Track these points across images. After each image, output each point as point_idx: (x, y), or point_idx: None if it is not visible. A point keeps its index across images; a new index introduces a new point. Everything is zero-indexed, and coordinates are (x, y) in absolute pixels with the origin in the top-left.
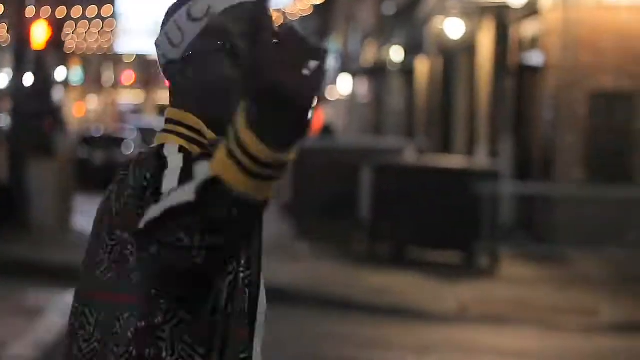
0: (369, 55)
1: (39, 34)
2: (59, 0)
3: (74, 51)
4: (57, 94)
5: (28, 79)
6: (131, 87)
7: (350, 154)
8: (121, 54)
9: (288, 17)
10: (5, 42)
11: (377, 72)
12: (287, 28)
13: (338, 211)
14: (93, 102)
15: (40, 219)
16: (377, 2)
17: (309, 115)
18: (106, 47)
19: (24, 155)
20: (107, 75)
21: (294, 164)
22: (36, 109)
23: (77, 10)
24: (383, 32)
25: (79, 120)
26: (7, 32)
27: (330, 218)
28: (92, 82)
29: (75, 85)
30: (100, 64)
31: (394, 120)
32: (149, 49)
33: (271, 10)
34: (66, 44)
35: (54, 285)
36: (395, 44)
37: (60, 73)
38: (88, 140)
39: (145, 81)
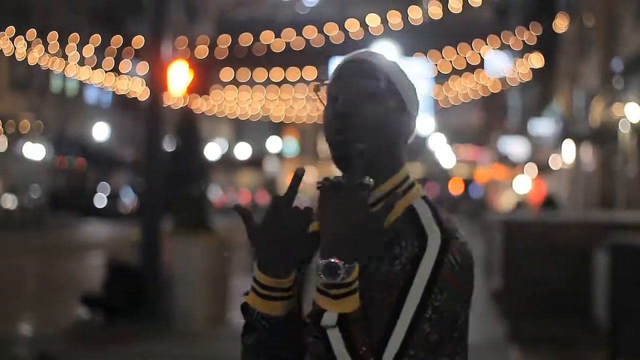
0: (595, 117)
1: (177, 78)
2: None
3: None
4: (205, 154)
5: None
6: None
7: (578, 231)
8: None
9: (508, 83)
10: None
11: (605, 136)
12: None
13: (562, 305)
14: (310, 174)
15: (186, 309)
16: (604, 59)
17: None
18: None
19: (158, 231)
20: (324, 147)
21: (505, 241)
22: (182, 172)
23: (293, 73)
24: (612, 90)
25: None
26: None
27: (552, 314)
28: (308, 153)
29: (290, 157)
30: (316, 134)
31: (628, 191)
32: None
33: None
34: (273, 112)
35: None
36: (630, 101)
37: (273, 143)
38: None
39: None
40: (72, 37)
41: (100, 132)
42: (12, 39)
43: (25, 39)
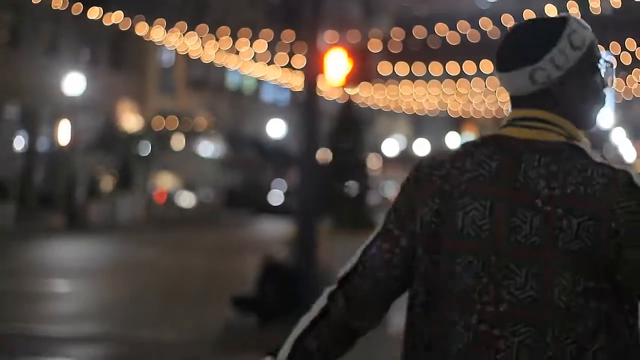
0: None
1: (335, 67)
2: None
3: (470, 116)
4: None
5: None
6: None
7: None
8: None
9: None
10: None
11: None
12: None
13: None
14: None
15: None
16: None
17: None
18: (504, 112)
19: (314, 229)
20: None
21: None
22: (341, 169)
23: (470, 67)
24: None
25: None
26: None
27: None
28: None
29: None
30: (496, 129)
31: None
32: None
33: None
34: (450, 107)
35: None
36: None
37: (452, 139)
38: None
39: None
40: (243, 32)
41: (276, 129)
42: (184, 35)
43: (199, 36)
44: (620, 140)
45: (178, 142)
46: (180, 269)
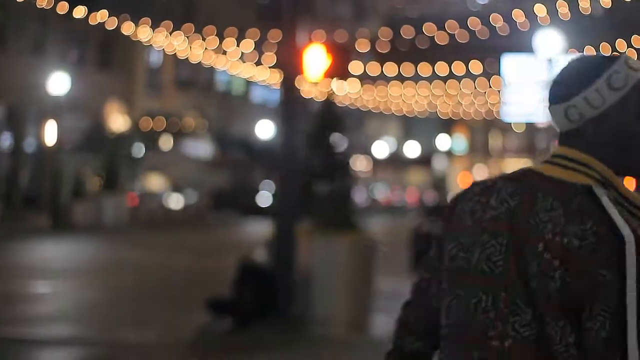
0: None
1: (314, 63)
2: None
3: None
4: (347, 148)
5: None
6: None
7: None
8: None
9: None
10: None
11: None
12: None
13: None
14: (480, 172)
15: (323, 314)
16: None
17: None
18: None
19: (293, 229)
20: (495, 144)
21: None
22: (322, 168)
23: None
24: None
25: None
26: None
27: None
28: (478, 151)
29: (459, 154)
30: (487, 132)
31: None
32: (538, 117)
33: None
34: (440, 109)
35: None
36: None
37: (442, 141)
38: (432, 211)
39: (530, 149)
40: (229, 32)
41: (265, 130)
42: (170, 34)
43: (185, 35)
44: None
45: (166, 142)
46: (163, 270)
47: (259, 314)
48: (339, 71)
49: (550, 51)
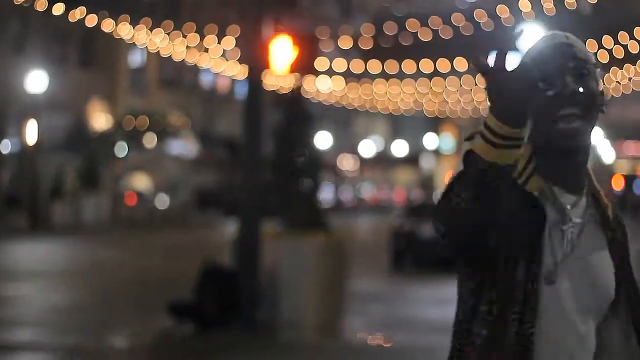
0: None
1: (280, 54)
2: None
3: (446, 116)
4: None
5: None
6: None
7: None
8: None
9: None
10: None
11: None
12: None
13: None
14: None
15: (291, 318)
16: None
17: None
18: (480, 112)
19: (258, 230)
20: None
21: None
22: (291, 166)
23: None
24: None
25: None
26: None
27: None
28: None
29: (447, 153)
30: (474, 129)
31: None
32: None
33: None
34: (426, 107)
35: None
36: None
37: (430, 140)
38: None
39: None
40: (210, 29)
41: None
42: (150, 31)
43: (165, 32)
44: (598, 140)
45: (149, 141)
46: (136, 272)
47: (221, 318)
48: (306, 63)
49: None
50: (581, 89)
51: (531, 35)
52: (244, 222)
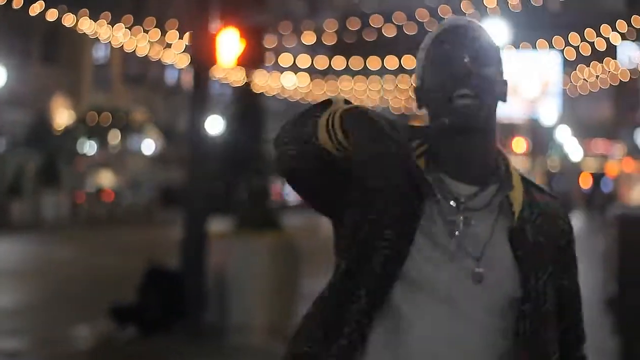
0: None
1: (227, 47)
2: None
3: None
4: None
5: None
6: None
7: None
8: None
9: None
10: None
11: None
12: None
13: None
14: None
15: (240, 320)
16: None
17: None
18: None
19: (204, 229)
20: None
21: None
22: (240, 162)
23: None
24: None
25: None
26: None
27: None
28: None
29: None
30: None
31: None
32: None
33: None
34: (392, 104)
35: None
36: None
37: None
38: None
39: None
40: (170, 24)
41: (214, 125)
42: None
43: (125, 26)
44: (565, 138)
45: (113, 138)
46: (89, 272)
47: (165, 321)
48: (254, 57)
49: (500, 43)
50: (477, 72)
51: (495, 33)
52: (189, 220)
